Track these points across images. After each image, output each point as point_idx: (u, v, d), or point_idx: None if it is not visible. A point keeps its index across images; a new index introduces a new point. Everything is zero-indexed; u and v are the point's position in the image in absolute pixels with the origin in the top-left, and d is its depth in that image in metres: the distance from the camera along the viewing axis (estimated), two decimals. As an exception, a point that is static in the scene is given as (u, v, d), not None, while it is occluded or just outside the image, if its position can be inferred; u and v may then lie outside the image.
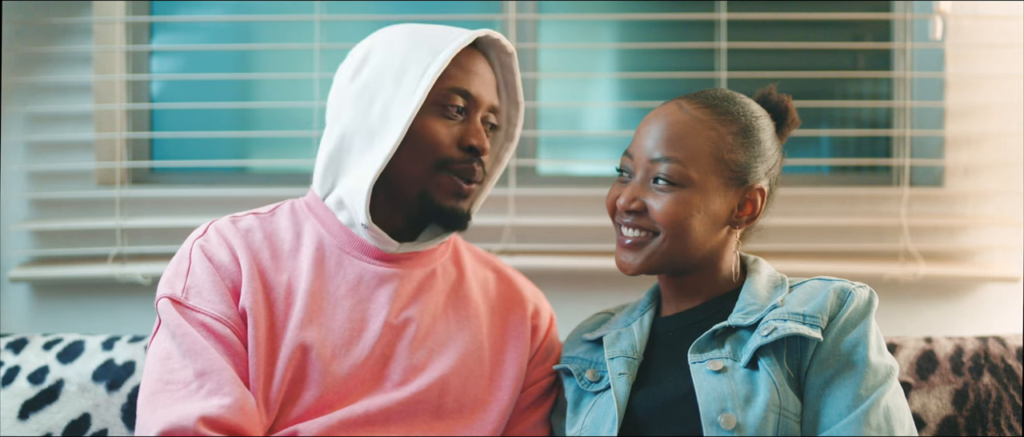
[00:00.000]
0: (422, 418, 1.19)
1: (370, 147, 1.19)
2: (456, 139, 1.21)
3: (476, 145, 1.22)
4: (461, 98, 1.22)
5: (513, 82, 1.32)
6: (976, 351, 1.50)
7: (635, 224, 1.18)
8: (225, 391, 1.07)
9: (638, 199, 1.17)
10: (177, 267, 1.19)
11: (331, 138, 1.24)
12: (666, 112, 1.19)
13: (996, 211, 1.89)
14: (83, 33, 1.90)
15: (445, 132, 1.21)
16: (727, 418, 1.04)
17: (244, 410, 1.07)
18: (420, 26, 1.26)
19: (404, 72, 1.19)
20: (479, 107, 1.24)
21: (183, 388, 1.07)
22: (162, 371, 1.09)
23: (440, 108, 1.21)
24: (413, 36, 1.22)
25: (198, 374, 1.08)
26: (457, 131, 1.22)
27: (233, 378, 1.09)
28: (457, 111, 1.22)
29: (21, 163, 1.90)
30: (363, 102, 1.20)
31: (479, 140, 1.22)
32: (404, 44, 1.21)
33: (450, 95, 1.21)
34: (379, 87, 1.20)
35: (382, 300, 1.22)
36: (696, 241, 1.16)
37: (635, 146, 1.20)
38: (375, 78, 1.21)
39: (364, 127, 1.20)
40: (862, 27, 2.04)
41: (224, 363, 1.10)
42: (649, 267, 1.19)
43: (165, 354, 1.11)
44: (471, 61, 1.24)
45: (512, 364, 1.29)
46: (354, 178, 1.20)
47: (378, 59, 1.22)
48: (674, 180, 1.15)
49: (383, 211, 1.24)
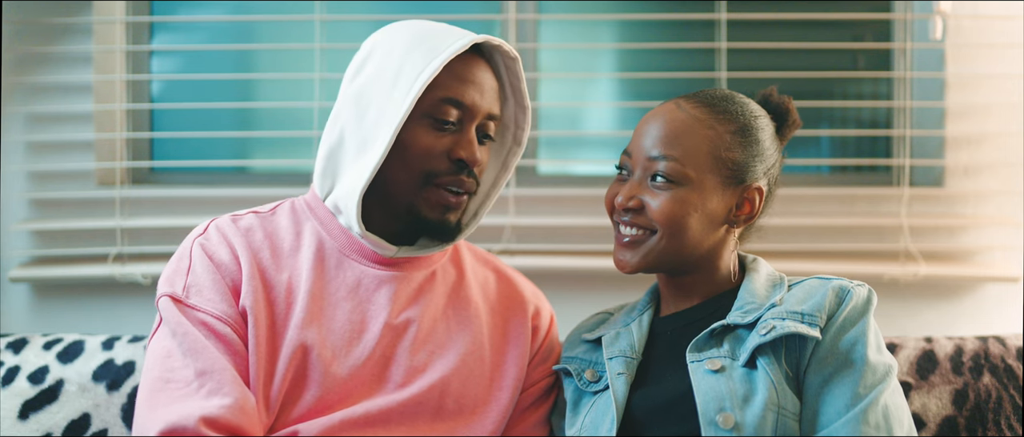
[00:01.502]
0: (423, 419, 1.19)
1: (362, 153, 1.18)
2: (446, 151, 1.18)
3: (465, 158, 1.18)
4: (454, 109, 1.18)
5: (519, 86, 1.28)
6: (976, 351, 1.50)
7: (632, 222, 1.18)
8: (225, 391, 1.06)
9: (635, 197, 1.17)
10: (177, 265, 1.19)
11: (330, 137, 1.23)
12: (664, 111, 1.19)
13: (996, 211, 1.89)
14: (83, 33, 1.90)
15: (434, 143, 1.18)
16: (725, 417, 1.04)
17: (244, 410, 1.06)
18: (424, 26, 1.23)
19: (398, 78, 1.16)
20: (474, 117, 1.20)
21: (184, 387, 1.07)
22: (162, 370, 1.09)
23: (431, 119, 1.17)
24: (412, 38, 1.20)
25: (199, 373, 1.07)
26: (447, 142, 1.18)
27: (233, 378, 1.09)
28: (449, 122, 1.18)
29: (21, 163, 1.90)
30: (360, 105, 1.19)
31: (469, 153, 1.19)
32: (402, 47, 1.19)
33: (442, 106, 1.17)
34: (375, 91, 1.18)
35: (382, 302, 1.21)
36: (693, 240, 1.16)
37: (634, 144, 1.20)
38: (372, 82, 1.19)
39: (358, 132, 1.19)
40: (862, 27, 2.04)
41: (225, 362, 1.09)
42: (646, 265, 1.19)
43: (166, 352, 1.11)
44: (468, 68, 1.20)
45: (512, 365, 1.28)
46: (347, 184, 1.19)
47: (377, 60, 1.20)
48: (671, 178, 1.15)
49: (378, 216, 1.23)
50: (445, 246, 1.28)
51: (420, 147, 1.17)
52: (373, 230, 1.22)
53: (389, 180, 1.19)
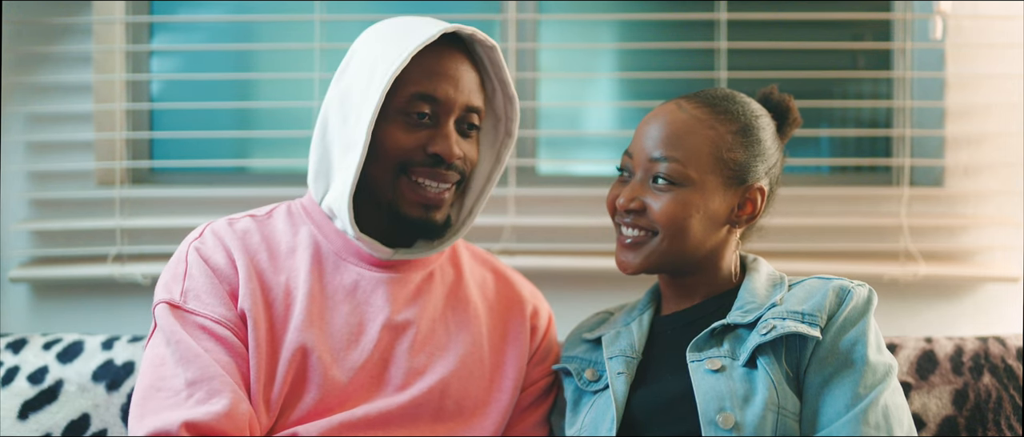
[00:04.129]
0: (423, 421, 1.19)
1: (345, 156, 1.17)
2: (421, 146, 1.17)
3: (440, 153, 1.17)
4: (426, 104, 1.16)
5: (503, 76, 1.26)
6: (976, 351, 1.50)
7: (634, 223, 1.18)
8: (215, 399, 1.06)
9: (637, 198, 1.17)
10: (174, 270, 1.19)
11: (319, 142, 1.23)
12: (665, 111, 1.19)
13: (996, 211, 1.89)
14: (83, 33, 1.90)
15: (407, 140, 1.17)
16: (725, 417, 1.04)
17: (232, 416, 1.06)
18: (400, 22, 1.21)
19: (372, 77, 1.15)
20: (450, 111, 1.18)
21: (173, 396, 1.07)
22: (154, 378, 1.09)
23: (403, 115, 1.17)
24: (385, 36, 1.18)
25: (189, 383, 1.07)
26: (423, 137, 1.17)
27: (226, 385, 1.08)
28: (421, 117, 1.17)
29: (21, 163, 1.90)
30: (343, 109, 1.19)
31: (443, 147, 1.17)
32: (378, 46, 1.18)
33: (414, 101, 1.16)
34: (354, 93, 1.17)
35: (380, 303, 1.21)
36: (695, 240, 1.16)
37: (635, 145, 1.20)
38: (351, 84, 1.18)
39: (342, 135, 1.18)
40: (862, 27, 2.04)
41: (217, 370, 1.09)
42: (649, 266, 1.19)
43: (159, 360, 1.11)
44: (440, 61, 1.18)
45: (512, 365, 1.28)
46: (337, 188, 1.19)
47: (356, 62, 1.20)
48: (673, 179, 1.14)
49: (372, 218, 1.22)
50: (441, 247, 1.27)
51: (393, 145, 1.16)
52: (368, 232, 1.22)
53: (371, 181, 1.19)
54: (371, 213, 1.22)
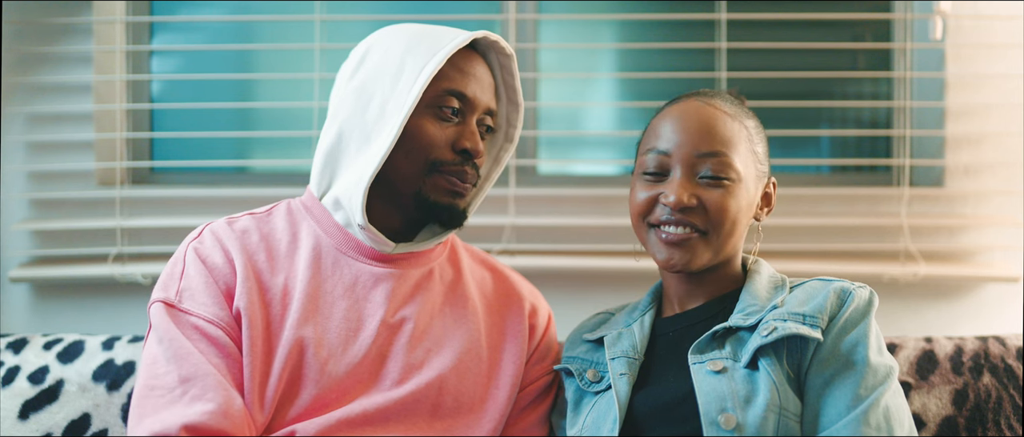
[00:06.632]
0: (420, 417, 1.19)
1: (366, 146, 1.20)
2: (450, 141, 1.21)
3: (469, 148, 1.22)
4: (456, 100, 1.21)
5: (512, 84, 1.32)
6: (976, 351, 1.50)
7: (684, 221, 1.15)
8: (209, 397, 1.06)
9: (694, 195, 1.15)
10: (172, 270, 1.20)
11: (328, 136, 1.24)
12: (694, 108, 1.18)
13: (996, 211, 1.89)
14: (83, 33, 1.90)
15: (439, 134, 1.20)
16: (727, 418, 1.04)
17: (228, 414, 1.06)
18: (420, 26, 1.26)
19: (401, 71, 1.19)
20: (475, 109, 1.24)
21: (167, 394, 1.07)
22: (148, 377, 1.10)
23: (435, 109, 1.20)
24: (412, 36, 1.22)
25: (182, 380, 1.08)
26: (451, 133, 1.22)
27: (218, 382, 1.08)
28: (452, 113, 1.21)
29: (21, 163, 1.90)
30: (361, 101, 1.21)
31: (473, 143, 1.22)
32: (403, 44, 1.21)
33: (446, 96, 1.20)
34: (377, 86, 1.20)
35: (379, 299, 1.22)
36: (738, 234, 1.18)
37: (669, 142, 1.17)
38: (373, 77, 1.21)
39: (360, 126, 1.20)
40: (862, 27, 2.04)
41: (209, 368, 1.09)
42: (699, 265, 1.17)
43: (152, 359, 1.11)
44: (468, 63, 1.23)
45: (510, 363, 1.29)
46: (350, 177, 1.20)
47: (377, 58, 1.22)
48: (722, 174, 1.14)
49: (379, 211, 1.24)
50: (442, 238, 1.29)
51: (425, 136, 1.20)
52: (373, 225, 1.23)
53: (393, 171, 1.20)
54: (379, 206, 1.24)
